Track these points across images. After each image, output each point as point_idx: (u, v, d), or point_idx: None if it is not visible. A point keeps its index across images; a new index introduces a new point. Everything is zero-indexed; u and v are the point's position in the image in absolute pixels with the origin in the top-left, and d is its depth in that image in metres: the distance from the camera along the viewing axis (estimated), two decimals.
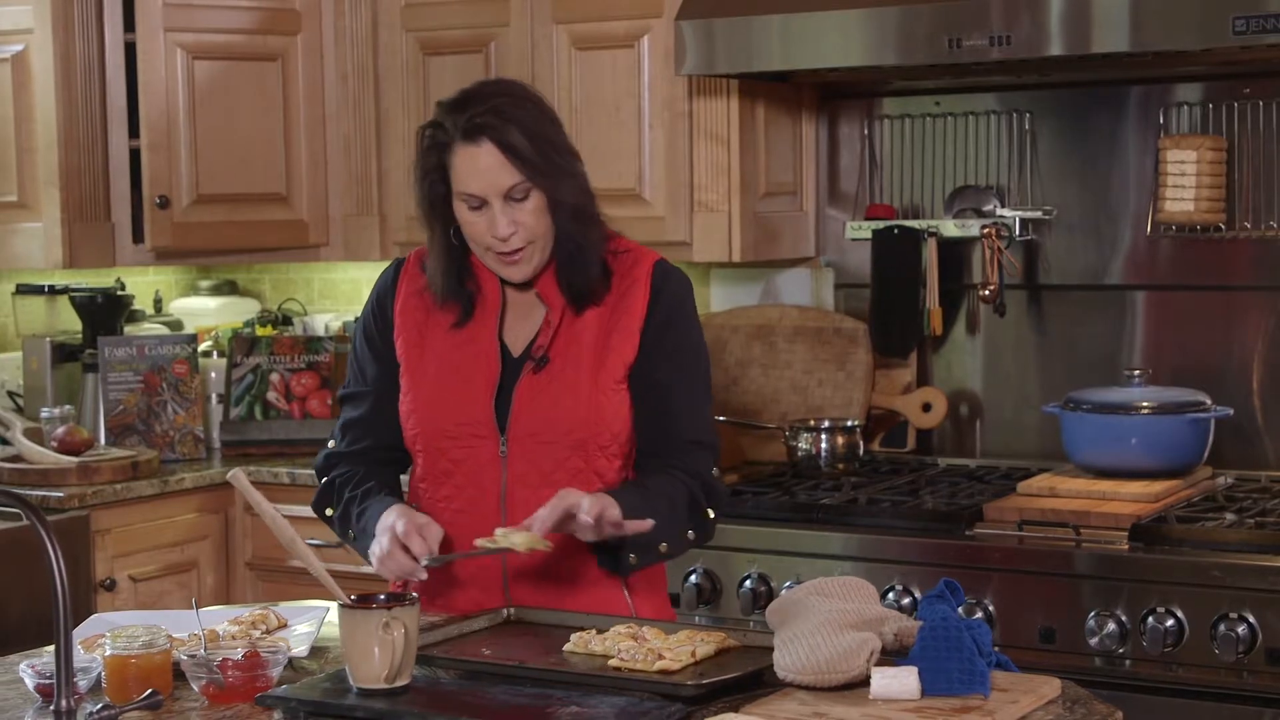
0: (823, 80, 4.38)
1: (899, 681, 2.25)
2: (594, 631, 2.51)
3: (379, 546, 2.71)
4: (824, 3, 3.87)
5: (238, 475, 2.47)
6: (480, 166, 2.72)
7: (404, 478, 2.99)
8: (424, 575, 2.68)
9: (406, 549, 2.67)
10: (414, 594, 2.40)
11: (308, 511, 3.02)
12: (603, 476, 2.80)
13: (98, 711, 2.14)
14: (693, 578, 3.84)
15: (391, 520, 2.72)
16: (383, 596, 2.39)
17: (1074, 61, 3.81)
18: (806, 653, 2.30)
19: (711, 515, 2.84)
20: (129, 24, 4.56)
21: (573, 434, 2.78)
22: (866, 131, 4.46)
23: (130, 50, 4.57)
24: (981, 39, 3.67)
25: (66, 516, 4.10)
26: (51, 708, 2.05)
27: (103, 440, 4.61)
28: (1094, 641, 3.45)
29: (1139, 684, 3.40)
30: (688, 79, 4.23)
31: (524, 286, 2.84)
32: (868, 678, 2.27)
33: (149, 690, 2.21)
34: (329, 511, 2.93)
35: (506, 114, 2.73)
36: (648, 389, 2.82)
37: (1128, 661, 3.44)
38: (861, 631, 2.34)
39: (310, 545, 4.44)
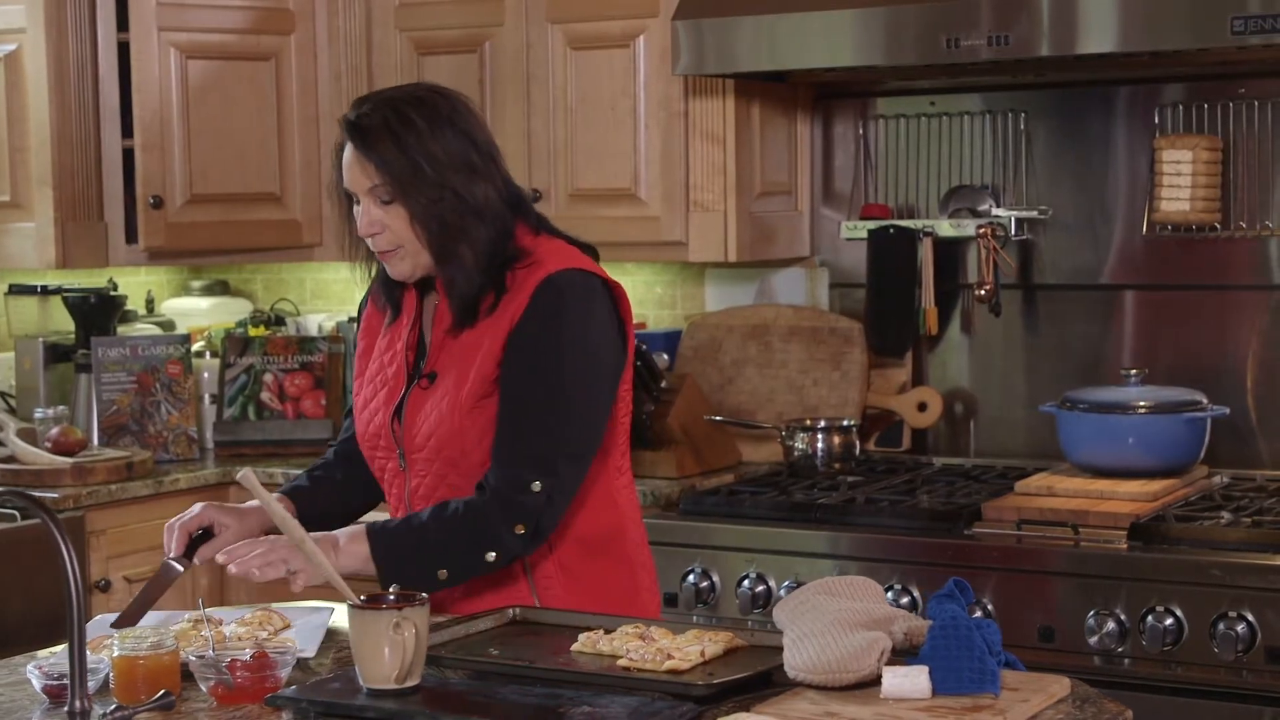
0: (818, 80, 4.38)
1: (910, 681, 2.25)
2: (601, 631, 2.51)
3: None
4: (820, 2, 3.87)
5: (248, 475, 2.46)
6: (347, 163, 2.76)
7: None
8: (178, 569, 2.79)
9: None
10: (424, 594, 2.39)
11: None
12: None
13: (111, 712, 2.13)
14: (690, 578, 3.84)
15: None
16: (392, 597, 2.38)
17: (1069, 61, 3.81)
18: (817, 652, 2.30)
19: (521, 531, 2.70)
20: (122, 23, 4.55)
21: (443, 452, 2.78)
22: (861, 131, 4.47)
23: (123, 49, 4.56)
24: (979, 38, 3.68)
25: (61, 517, 4.06)
26: (65, 709, 2.05)
27: (96, 441, 4.59)
28: (1094, 641, 3.46)
29: (1139, 683, 3.40)
30: (683, 79, 4.23)
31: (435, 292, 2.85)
32: (878, 677, 2.27)
33: (162, 691, 2.20)
34: None
35: (386, 120, 2.72)
36: (501, 401, 2.75)
37: (1127, 660, 3.45)
38: (871, 631, 2.34)
39: None
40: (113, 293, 4.82)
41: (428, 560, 2.69)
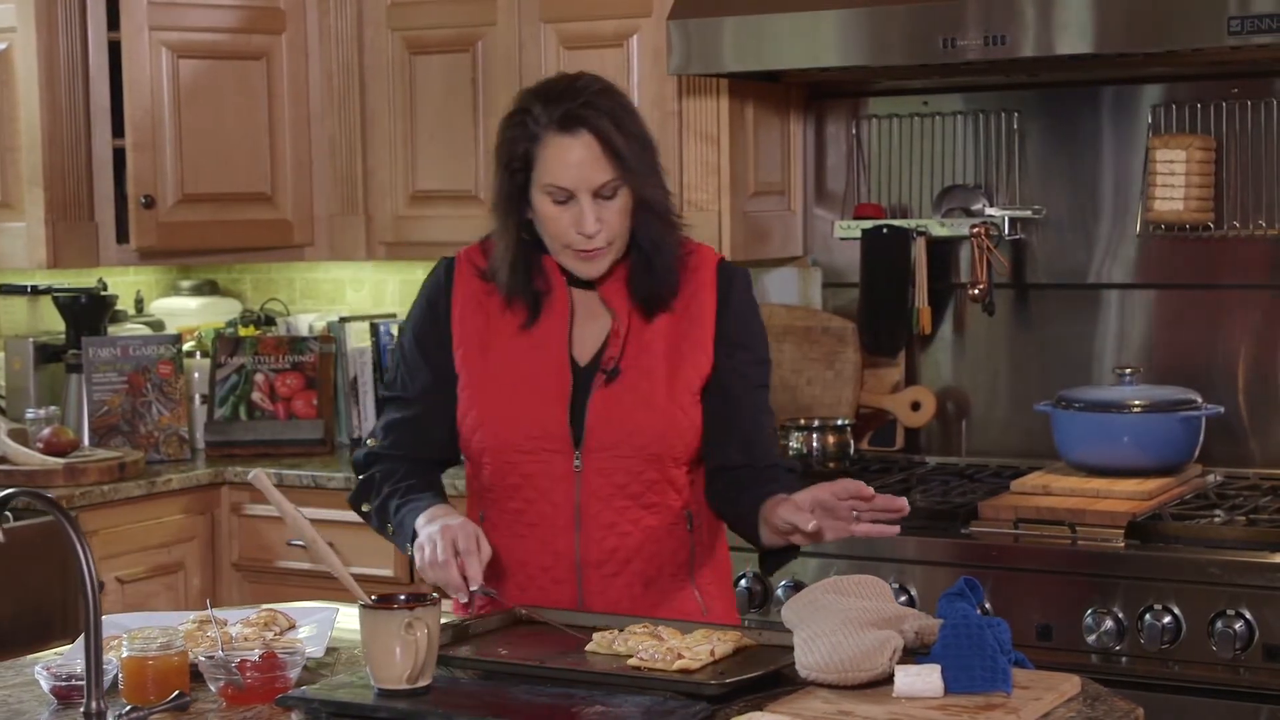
0: (811, 80, 4.39)
1: (923, 680, 2.25)
2: (615, 631, 2.51)
3: (432, 550, 2.58)
4: (815, 2, 3.87)
5: (259, 476, 2.45)
6: (574, 159, 2.63)
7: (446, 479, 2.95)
8: (464, 599, 2.59)
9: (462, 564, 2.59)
10: (435, 594, 2.39)
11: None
12: (674, 484, 2.75)
13: (127, 713, 2.12)
14: None
15: (451, 526, 2.61)
16: (403, 597, 2.38)
17: (1063, 61, 3.81)
18: (829, 651, 2.30)
19: None
20: (113, 22, 4.54)
21: (649, 448, 2.71)
22: (854, 131, 4.47)
23: (114, 49, 4.55)
24: (976, 38, 3.68)
25: (53, 519, 4.05)
26: (81, 710, 2.03)
27: (86, 441, 4.58)
28: (1091, 639, 3.46)
29: (1137, 681, 3.40)
30: (677, 78, 4.23)
31: (588, 289, 2.76)
32: (891, 676, 2.28)
33: (176, 691, 2.19)
34: (365, 507, 2.84)
35: (602, 107, 2.64)
36: (727, 396, 2.75)
37: (1125, 659, 3.45)
38: (882, 630, 2.35)
39: (299, 545, 4.43)
40: (103, 293, 4.80)
41: None
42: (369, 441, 2.89)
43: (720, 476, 2.77)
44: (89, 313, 4.76)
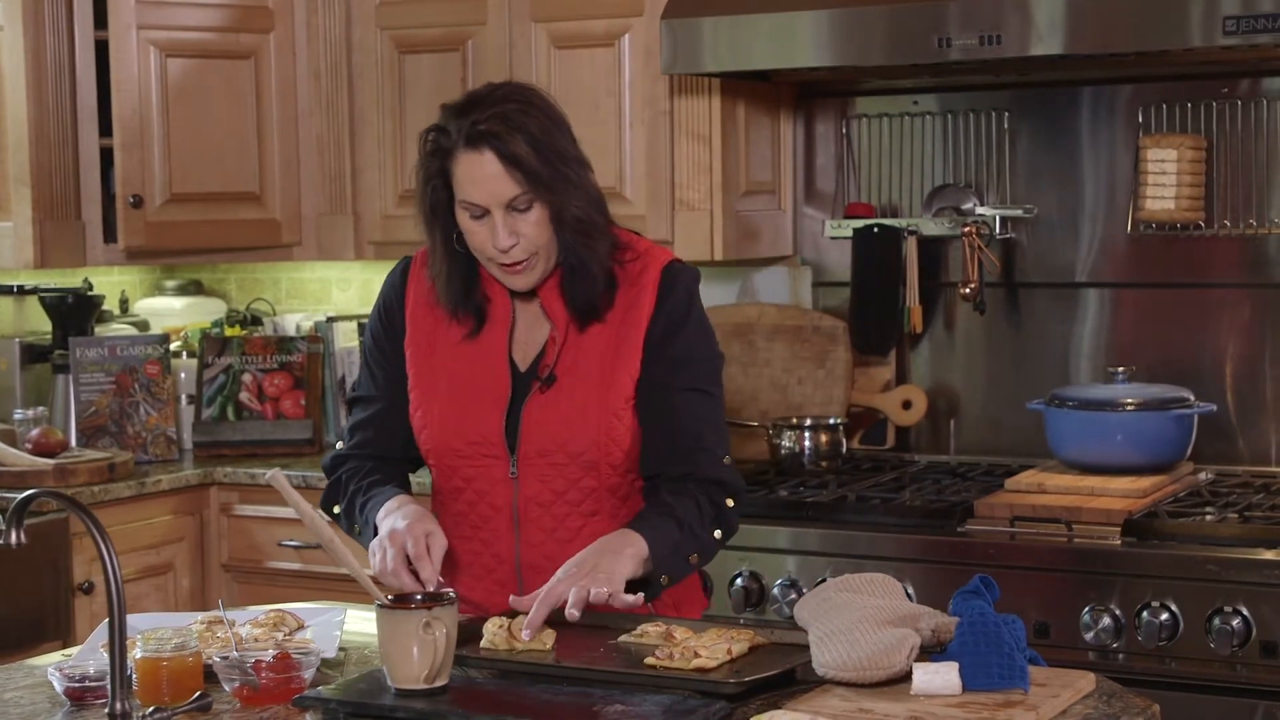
0: (802, 79, 4.39)
1: (940, 677, 2.26)
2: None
3: (382, 557, 2.61)
4: (808, 2, 3.87)
5: (277, 476, 2.44)
6: (481, 175, 2.63)
7: (414, 477, 2.96)
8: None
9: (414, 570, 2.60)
10: (452, 594, 2.38)
11: (289, 513, 2.96)
12: (615, 492, 2.76)
13: (150, 714, 2.11)
14: None
15: (400, 527, 2.63)
16: (420, 596, 2.37)
17: (1055, 60, 3.83)
18: (846, 649, 2.30)
19: (731, 505, 2.75)
20: (100, 21, 4.52)
21: (584, 455, 2.72)
22: (845, 130, 4.48)
23: (101, 48, 4.53)
24: (972, 38, 3.69)
25: (44, 520, 4.04)
26: (105, 711, 2.03)
27: (74, 442, 4.56)
28: (1089, 636, 3.48)
29: (1135, 678, 3.40)
30: (669, 78, 4.23)
31: (529, 297, 2.77)
32: (908, 674, 2.28)
33: (198, 692, 2.19)
34: (336, 509, 2.87)
35: (512, 121, 2.63)
36: (650, 401, 2.73)
37: (1122, 656, 3.47)
38: (899, 628, 2.35)
39: (290, 546, 4.42)
40: (89, 293, 4.78)
41: (684, 548, 2.67)
42: (337, 445, 2.92)
43: (647, 484, 2.76)
44: (75, 313, 4.73)
